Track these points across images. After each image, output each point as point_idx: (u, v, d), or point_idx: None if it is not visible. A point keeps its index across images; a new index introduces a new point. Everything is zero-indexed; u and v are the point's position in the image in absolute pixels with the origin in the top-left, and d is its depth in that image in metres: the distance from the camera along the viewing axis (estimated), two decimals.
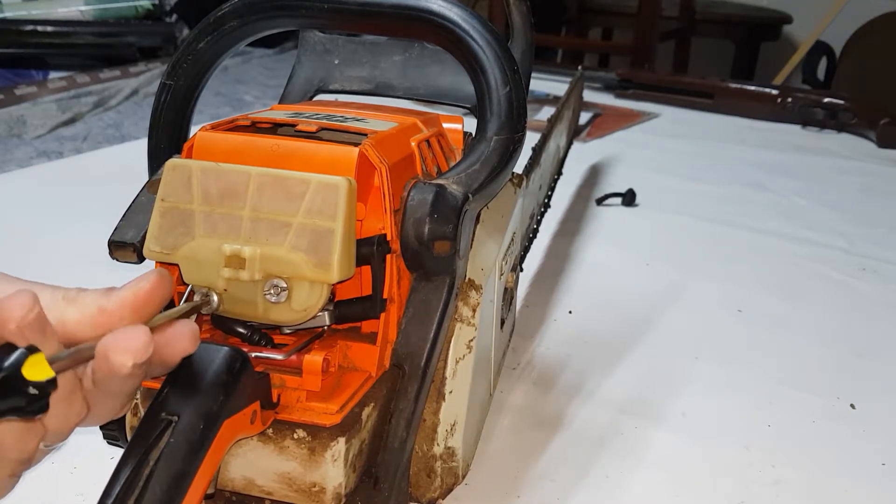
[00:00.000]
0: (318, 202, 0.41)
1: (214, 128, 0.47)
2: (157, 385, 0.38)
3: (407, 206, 0.46)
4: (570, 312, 0.80)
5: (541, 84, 1.63)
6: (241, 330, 0.45)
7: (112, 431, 0.48)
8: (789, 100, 1.53)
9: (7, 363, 0.28)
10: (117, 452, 0.39)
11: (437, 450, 0.50)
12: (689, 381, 0.69)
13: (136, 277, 0.34)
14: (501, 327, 0.61)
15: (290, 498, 0.43)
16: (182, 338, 0.35)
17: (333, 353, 0.45)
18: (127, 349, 0.31)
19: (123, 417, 0.47)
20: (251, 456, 0.43)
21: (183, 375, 0.37)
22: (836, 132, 1.50)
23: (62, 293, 0.33)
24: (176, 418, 0.36)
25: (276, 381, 0.43)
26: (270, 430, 0.43)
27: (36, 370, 0.29)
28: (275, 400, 0.42)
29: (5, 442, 0.33)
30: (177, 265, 0.43)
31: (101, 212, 0.58)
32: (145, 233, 0.43)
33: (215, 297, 0.42)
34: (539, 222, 0.86)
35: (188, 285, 0.43)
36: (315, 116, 0.49)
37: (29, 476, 0.54)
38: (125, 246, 0.46)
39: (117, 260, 0.47)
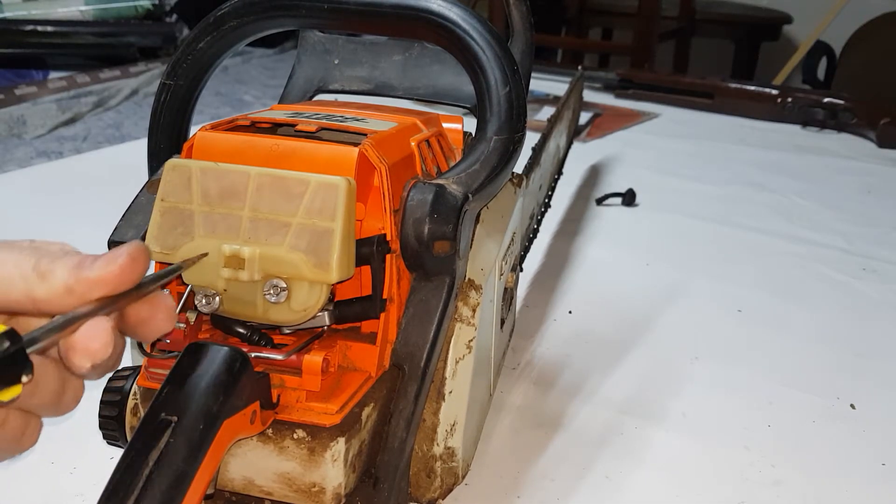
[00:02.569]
0: (318, 202, 0.41)
1: (214, 128, 0.47)
2: (157, 385, 0.38)
3: (407, 206, 0.46)
4: (570, 312, 0.80)
5: (541, 84, 1.63)
6: (240, 330, 0.44)
7: (112, 431, 0.48)
8: (789, 100, 1.53)
9: None
10: (117, 452, 0.39)
11: (437, 450, 0.50)
12: (689, 381, 0.69)
13: (110, 253, 0.32)
14: (501, 327, 0.61)
15: (289, 498, 0.43)
16: (158, 319, 0.34)
17: (333, 354, 0.45)
18: (85, 351, 0.31)
19: (124, 418, 0.47)
20: (251, 456, 0.43)
21: (183, 375, 0.37)
22: (836, 132, 1.50)
23: (33, 263, 0.32)
24: (176, 418, 0.36)
25: (275, 381, 0.43)
26: (270, 430, 0.43)
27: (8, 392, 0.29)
28: (274, 400, 0.42)
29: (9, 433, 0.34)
30: None
31: (101, 212, 0.58)
32: (145, 233, 0.43)
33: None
34: (539, 222, 0.86)
35: (188, 285, 0.43)
36: (315, 116, 0.49)
37: (29, 476, 0.54)
38: None
39: None
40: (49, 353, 0.33)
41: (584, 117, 1.47)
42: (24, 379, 0.29)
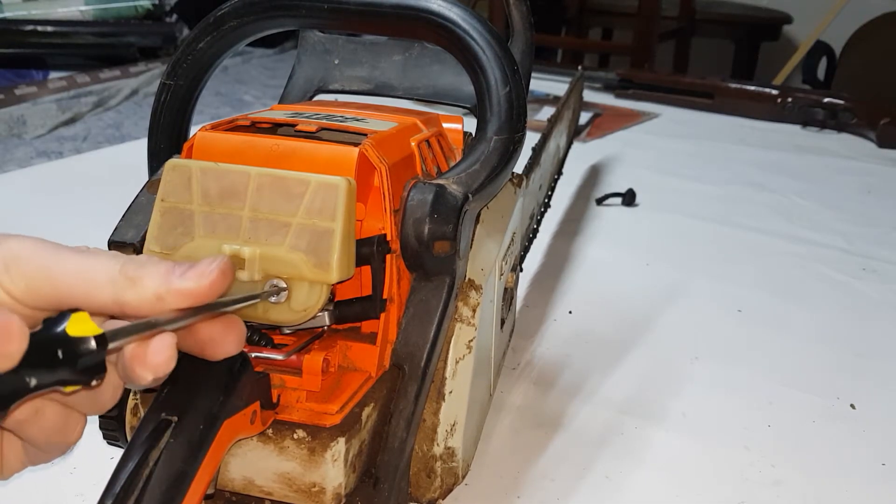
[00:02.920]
0: (318, 202, 0.41)
1: (214, 128, 0.47)
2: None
3: (407, 206, 0.46)
4: (570, 312, 0.80)
5: (541, 84, 1.63)
6: None
7: (112, 431, 0.48)
8: (789, 100, 1.53)
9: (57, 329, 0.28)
10: (117, 452, 0.39)
11: (437, 450, 0.50)
12: (689, 381, 0.69)
13: (201, 265, 0.33)
14: (501, 327, 0.61)
15: (289, 498, 0.43)
16: (228, 341, 0.35)
17: (333, 354, 0.45)
18: (149, 364, 0.31)
19: (124, 418, 0.47)
20: (251, 456, 0.43)
21: (183, 375, 0.37)
22: (836, 132, 1.50)
23: (120, 266, 0.32)
24: (176, 418, 0.36)
25: (276, 381, 0.43)
26: (270, 431, 0.43)
27: (81, 328, 0.28)
28: (275, 400, 0.42)
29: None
30: None
31: (101, 212, 0.58)
32: (145, 233, 0.43)
33: (284, 285, 0.41)
34: (539, 222, 0.86)
35: None
36: (315, 116, 0.49)
37: (29, 476, 0.54)
38: (125, 246, 0.46)
39: None
40: None
41: (584, 117, 1.47)
42: (94, 383, 0.29)
